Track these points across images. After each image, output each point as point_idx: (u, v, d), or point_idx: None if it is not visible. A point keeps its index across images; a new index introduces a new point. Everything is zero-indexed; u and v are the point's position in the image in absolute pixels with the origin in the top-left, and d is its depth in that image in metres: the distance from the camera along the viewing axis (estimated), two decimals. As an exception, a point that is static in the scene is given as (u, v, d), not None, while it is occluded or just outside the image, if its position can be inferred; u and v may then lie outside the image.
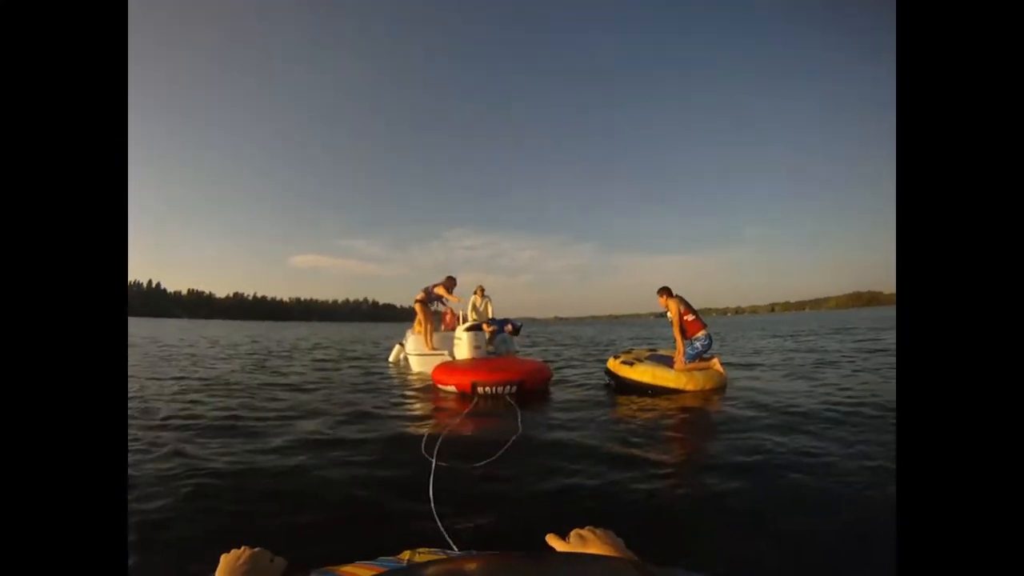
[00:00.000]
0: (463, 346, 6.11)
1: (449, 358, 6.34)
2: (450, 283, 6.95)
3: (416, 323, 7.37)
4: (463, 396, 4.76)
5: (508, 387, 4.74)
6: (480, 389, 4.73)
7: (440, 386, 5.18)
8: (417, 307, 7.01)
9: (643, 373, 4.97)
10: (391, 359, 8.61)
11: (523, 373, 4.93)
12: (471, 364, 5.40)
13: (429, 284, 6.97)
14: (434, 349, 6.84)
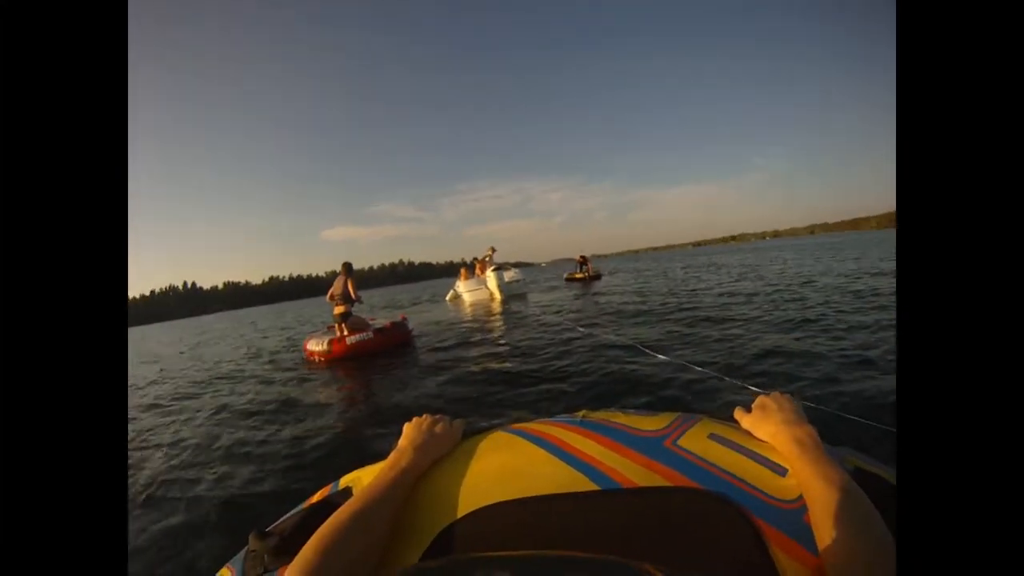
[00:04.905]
0: (491, 282, 12.58)
1: (485, 288, 13.06)
2: (484, 262, 14.10)
3: (462, 276, 14.85)
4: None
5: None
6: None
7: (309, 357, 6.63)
8: (463, 271, 15.13)
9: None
10: (448, 298, 14.72)
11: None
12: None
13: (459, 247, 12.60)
14: (474, 288, 13.48)
